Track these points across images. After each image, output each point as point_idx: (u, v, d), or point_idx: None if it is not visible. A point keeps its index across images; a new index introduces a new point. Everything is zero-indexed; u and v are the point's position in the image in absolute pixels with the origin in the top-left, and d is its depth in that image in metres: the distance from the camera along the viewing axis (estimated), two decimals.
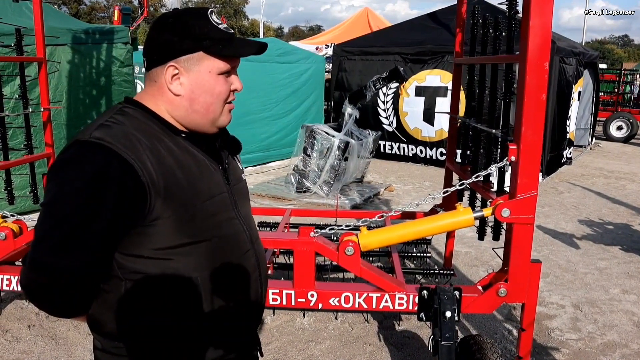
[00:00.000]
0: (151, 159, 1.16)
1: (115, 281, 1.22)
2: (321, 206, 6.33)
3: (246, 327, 1.41)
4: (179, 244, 1.21)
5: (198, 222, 1.23)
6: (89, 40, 6.14)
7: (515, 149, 2.37)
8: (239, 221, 1.35)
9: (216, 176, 1.31)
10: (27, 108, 3.95)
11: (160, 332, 1.25)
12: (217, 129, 1.33)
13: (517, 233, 2.44)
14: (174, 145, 1.23)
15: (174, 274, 1.22)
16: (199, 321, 1.28)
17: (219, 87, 1.27)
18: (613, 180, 8.59)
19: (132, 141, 1.15)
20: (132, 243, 1.18)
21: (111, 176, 1.11)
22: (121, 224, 1.14)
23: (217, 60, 1.24)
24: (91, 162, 1.12)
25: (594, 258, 4.90)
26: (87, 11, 45.37)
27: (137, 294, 1.22)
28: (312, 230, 2.59)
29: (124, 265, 1.20)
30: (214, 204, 1.28)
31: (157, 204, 1.16)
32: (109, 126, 1.17)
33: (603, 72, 14.77)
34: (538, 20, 2.23)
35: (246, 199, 1.46)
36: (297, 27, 65.71)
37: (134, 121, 1.21)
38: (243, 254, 1.35)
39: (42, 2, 3.97)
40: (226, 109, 1.32)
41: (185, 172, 1.22)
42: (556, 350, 3.26)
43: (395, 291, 2.58)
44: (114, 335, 1.25)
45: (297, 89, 9.54)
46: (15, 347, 3.15)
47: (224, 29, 1.26)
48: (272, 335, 3.34)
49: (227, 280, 1.31)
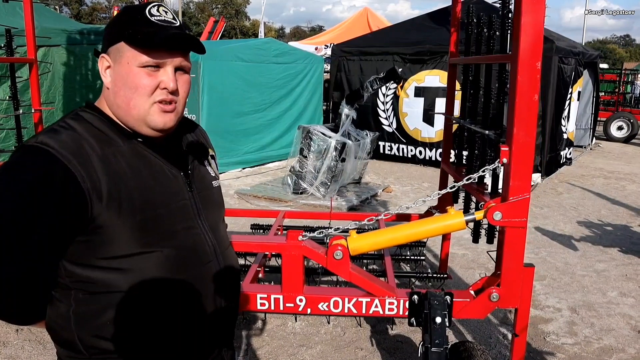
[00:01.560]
0: (98, 166, 1.13)
1: (65, 290, 1.19)
2: (318, 207, 6.29)
3: (208, 344, 1.33)
4: (128, 253, 1.17)
5: (149, 231, 1.18)
6: (83, 41, 6.11)
7: (507, 151, 2.32)
8: (201, 231, 1.29)
9: (175, 183, 1.25)
10: (18, 109, 3.92)
11: (107, 343, 1.20)
12: (154, 130, 1.22)
13: (510, 236, 2.38)
14: (128, 150, 1.20)
15: (122, 284, 1.18)
16: (146, 334, 1.22)
17: (137, 81, 1.17)
18: (613, 180, 8.53)
19: (80, 147, 1.12)
20: (78, 251, 1.15)
21: (51, 183, 1.08)
22: (62, 231, 1.11)
23: (137, 52, 1.16)
24: (32, 168, 1.09)
25: (592, 260, 4.85)
26: (88, 12, 45.41)
27: (85, 304, 1.18)
28: (300, 233, 2.54)
29: (72, 273, 1.17)
30: (170, 212, 1.22)
31: (101, 212, 1.12)
32: (57, 131, 1.15)
33: (604, 72, 14.71)
34: (529, 19, 2.18)
35: (216, 207, 1.39)
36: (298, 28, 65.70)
37: (86, 126, 1.18)
38: (202, 265, 1.29)
39: (33, 2, 3.94)
40: (156, 108, 1.20)
41: (136, 179, 1.18)
42: (551, 354, 3.20)
43: (386, 296, 2.53)
44: (66, 344, 1.22)
45: (294, 89, 9.51)
46: (2, 351, 3.11)
47: (156, 20, 1.18)
48: (262, 340, 3.29)
49: (180, 294, 1.25)
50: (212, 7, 50.88)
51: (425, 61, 9.17)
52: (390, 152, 9.79)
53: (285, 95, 9.32)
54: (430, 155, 9.32)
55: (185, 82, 1.25)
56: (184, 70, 1.24)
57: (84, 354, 1.21)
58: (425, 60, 9.17)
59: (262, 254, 3.32)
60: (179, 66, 1.22)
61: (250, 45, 8.82)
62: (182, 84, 1.23)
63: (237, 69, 8.28)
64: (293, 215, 4.28)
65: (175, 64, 1.21)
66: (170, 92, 1.20)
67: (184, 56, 1.23)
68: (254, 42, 9.37)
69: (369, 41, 10.37)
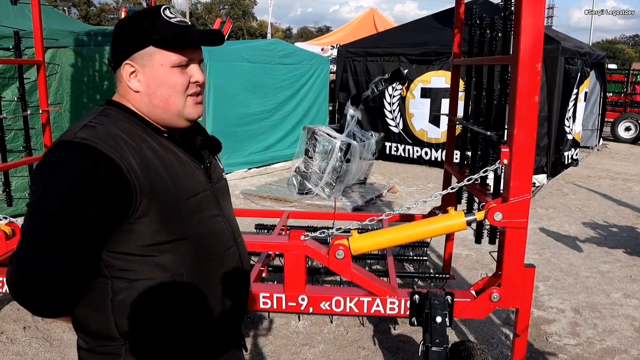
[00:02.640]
0: (136, 159, 1.18)
1: (101, 280, 1.22)
2: (322, 208, 6.31)
3: (231, 322, 1.45)
4: (163, 240, 1.23)
5: (182, 219, 1.26)
6: (90, 42, 6.16)
7: (507, 152, 2.33)
8: (222, 218, 1.39)
9: (198, 175, 1.34)
10: (26, 110, 3.97)
11: (149, 329, 1.27)
12: (188, 121, 1.34)
13: (510, 237, 2.39)
14: (157, 145, 1.26)
15: (160, 270, 1.24)
16: (187, 317, 1.30)
17: (173, 80, 1.27)
18: (620, 182, 8.49)
19: (117, 141, 1.18)
20: (118, 241, 1.19)
21: (98, 176, 1.13)
22: (107, 223, 1.16)
23: (168, 53, 1.25)
24: (78, 163, 1.13)
25: (596, 261, 4.84)
26: (96, 13, 45.70)
27: (125, 291, 1.23)
28: (302, 233, 2.56)
29: (111, 263, 1.21)
30: (198, 201, 1.31)
31: (142, 202, 1.18)
32: (93, 127, 1.20)
33: (611, 72, 14.62)
34: (530, 21, 2.19)
35: (227, 197, 1.49)
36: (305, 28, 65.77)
37: (117, 122, 1.24)
38: (226, 250, 1.39)
39: (41, 4, 3.99)
40: (190, 101, 1.31)
41: (170, 171, 1.25)
42: (553, 355, 3.21)
43: (387, 295, 2.55)
44: (100, 335, 1.26)
45: (300, 90, 9.53)
46: (9, 348, 3.16)
47: (175, 22, 1.27)
48: (265, 339, 3.32)
49: (211, 276, 1.34)
50: (219, 7, 51.06)
51: (431, 62, 9.17)
52: (397, 152, 9.80)
53: (290, 96, 9.34)
54: (436, 156, 9.33)
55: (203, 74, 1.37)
56: (200, 63, 1.35)
57: (120, 340, 1.25)
58: (431, 61, 9.17)
59: (265, 254, 3.36)
60: (200, 59, 1.33)
61: (256, 46, 8.86)
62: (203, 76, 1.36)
63: (243, 69, 8.31)
64: (297, 216, 4.31)
65: (199, 59, 1.33)
66: (200, 84, 1.32)
67: (201, 51, 1.34)
68: (260, 43, 9.41)
69: (375, 42, 10.38)
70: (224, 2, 51.84)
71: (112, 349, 1.26)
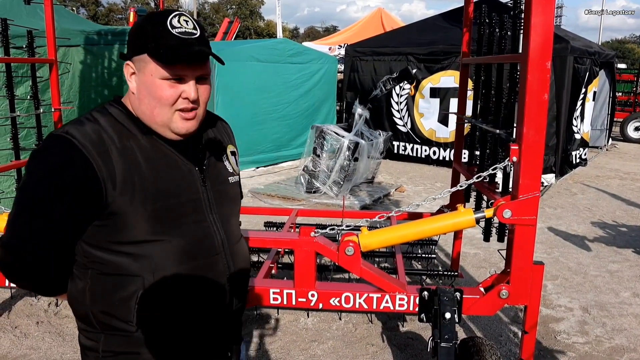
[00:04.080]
0: (115, 156, 1.22)
1: (83, 269, 1.31)
2: (330, 206, 6.33)
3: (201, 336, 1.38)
4: (139, 239, 1.25)
5: (160, 220, 1.26)
6: (101, 41, 6.22)
7: (516, 149, 2.35)
8: (211, 224, 1.36)
9: (189, 176, 1.32)
10: (39, 108, 4.02)
11: (116, 321, 1.30)
12: (175, 135, 1.30)
13: (519, 234, 2.41)
14: (146, 144, 1.28)
15: (132, 268, 1.27)
16: (151, 317, 1.30)
17: (160, 92, 1.24)
18: (629, 181, 8.46)
19: (100, 138, 1.22)
20: (95, 234, 1.26)
21: (70, 169, 1.19)
22: (78, 212, 1.22)
23: (158, 65, 1.22)
24: (55, 154, 1.21)
25: (605, 261, 4.83)
26: (104, 13, 45.96)
27: (98, 283, 1.29)
28: (312, 229, 2.59)
29: (89, 254, 1.28)
30: (181, 203, 1.30)
31: (115, 199, 1.21)
32: (82, 122, 1.25)
33: (621, 72, 14.53)
34: (539, 19, 2.20)
35: (230, 202, 1.45)
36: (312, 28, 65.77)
37: (109, 119, 1.28)
38: (209, 257, 1.35)
39: (53, 4, 4.04)
40: (177, 116, 1.27)
41: (151, 170, 1.26)
42: (562, 353, 3.21)
43: (396, 292, 2.57)
44: (83, 317, 1.34)
45: (308, 89, 9.55)
46: (23, 342, 3.21)
47: (177, 33, 1.22)
48: (275, 335, 3.35)
49: (186, 282, 1.32)
50: (226, 7, 51.17)
51: (440, 61, 9.17)
52: (405, 152, 9.81)
53: (299, 95, 9.37)
54: (444, 156, 9.32)
55: (205, 90, 1.31)
56: (204, 78, 1.29)
57: (97, 328, 1.32)
58: (439, 60, 9.17)
59: (274, 251, 3.38)
60: (200, 76, 1.28)
61: (264, 46, 8.90)
62: (202, 91, 1.29)
63: (252, 69, 8.35)
64: (306, 214, 4.33)
65: (196, 75, 1.26)
66: (191, 101, 1.26)
67: (203, 66, 1.28)
68: (269, 43, 9.44)
69: (382, 41, 10.39)
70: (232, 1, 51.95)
71: (92, 335, 1.33)
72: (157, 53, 1.21)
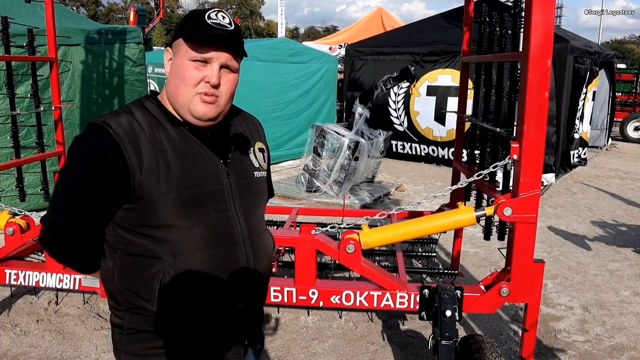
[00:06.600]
0: (145, 145, 1.31)
1: (112, 249, 1.39)
2: (331, 205, 6.33)
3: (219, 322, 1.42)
4: (163, 224, 1.32)
5: (183, 207, 1.33)
6: (101, 40, 6.22)
7: (517, 148, 2.35)
8: (233, 215, 1.40)
9: (213, 168, 1.39)
10: (39, 107, 4.02)
11: (140, 300, 1.36)
12: (199, 120, 1.36)
13: (520, 232, 2.41)
14: (176, 135, 1.36)
15: (156, 251, 1.33)
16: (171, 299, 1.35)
17: (185, 72, 1.33)
18: (629, 181, 8.46)
19: (132, 128, 1.32)
20: (124, 216, 1.34)
21: (104, 155, 1.28)
22: (110, 195, 1.30)
23: (188, 47, 1.32)
24: (91, 142, 1.32)
25: (605, 260, 4.83)
26: (105, 12, 45.96)
27: (125, 263, 1.37)
28: (313, 227, 2.59)
29: (118, 234, 1.36)
30: (204, 193, 1.36)
31: (141, 184, 1.29)
32: (118, 114, 1.35)
33: (620, 72, 14.53)
34: (540, 17, 2.21)
35: (255, 196, 1.50)
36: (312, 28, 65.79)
37: (143, 111, 1.37)
38: (228, 246, 1.40)
39: (54, 3, 4.04)
40: (197, 99, 1.34)
41: (177, 160, 1.33)
42: (562, 351, 3.22)
43: (397, 290, 2.58)
44: (111, 295, 1.43)
45: (309, 88, 9.55)
46: (23, 340, 3.21)
47: (212, 24, 1.32)
48: (275, 333, 3.35)
49: (205, 267, 1.37)
50: (226, 7, 51.18)
51: (438, 60, 9.17)
52: (403, 150, 9.80)
53: (299, 95, 9.37)
54: (442, 154, 9.32)
55: (230, 80, 1.37)
56: (230, 69, 1.36)
57: (122, 306, 1.40)
58: (438, 59, 9.17)
59: (276, 249, 3.38)
60: (225, 64, 1.35)
61: (265, 45, 8.89)
62: (225, 81, 1.36)
63: (252, 68, 8.34)
64: (306, 212, 4.33)
65: (221, 62, 1.34)
66: (212, 85, 1.33)
67: (232, 55, 1.35)
68: (269, 42, 9.44)
69: (382, 41, 10.39)
70: (232, 1, 51.97)
71: (119, 313, 1.41)
72: (189, 35, 1.32)
